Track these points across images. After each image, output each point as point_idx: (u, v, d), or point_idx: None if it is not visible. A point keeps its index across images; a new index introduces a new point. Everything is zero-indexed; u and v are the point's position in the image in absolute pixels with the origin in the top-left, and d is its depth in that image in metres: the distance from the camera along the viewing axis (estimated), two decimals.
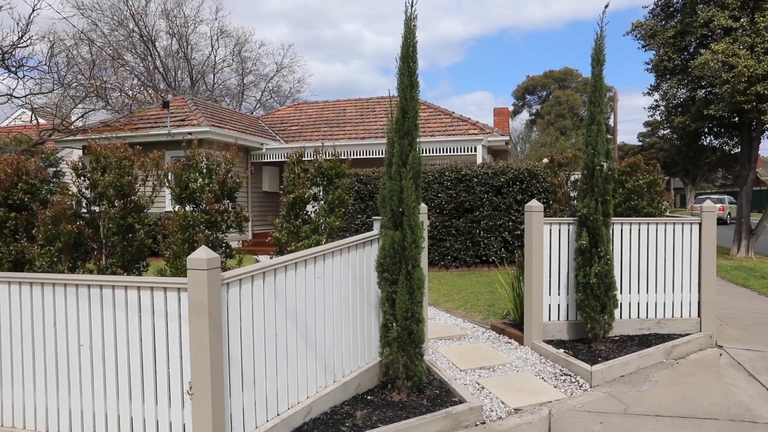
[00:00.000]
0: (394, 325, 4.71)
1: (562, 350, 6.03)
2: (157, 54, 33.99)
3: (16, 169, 5.25)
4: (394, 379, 4.80)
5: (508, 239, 12.04)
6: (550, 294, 6.50)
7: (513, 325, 7.13)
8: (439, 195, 12.25)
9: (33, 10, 14.10)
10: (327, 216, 5.19)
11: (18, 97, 14.66)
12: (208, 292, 3.37)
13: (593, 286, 5.90)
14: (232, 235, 5.33)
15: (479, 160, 15.27)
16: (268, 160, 17.82)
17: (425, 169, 12.00)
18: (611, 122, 21.74)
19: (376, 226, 5.14)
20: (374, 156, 16.66)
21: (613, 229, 6.40)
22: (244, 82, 37.77)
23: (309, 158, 5.48)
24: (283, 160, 17.64)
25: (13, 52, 13.76)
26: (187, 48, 34.87)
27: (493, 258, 12.07)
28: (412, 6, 4.70)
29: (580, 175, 6.24)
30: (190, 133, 14.85)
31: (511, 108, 52.14)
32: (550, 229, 6.47)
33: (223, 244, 5.02)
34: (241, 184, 5.20)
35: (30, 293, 4.08)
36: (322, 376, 4.55)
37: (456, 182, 12.18)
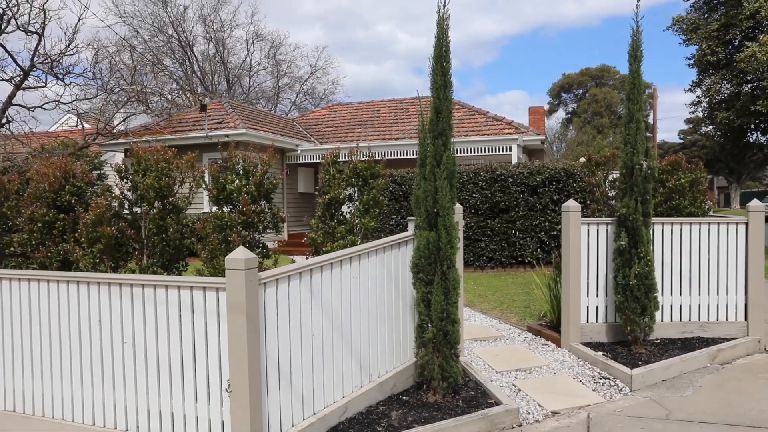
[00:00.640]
0: (430, 325, 4.70)
1: (600, 353, 5.92)
2: (194, 58, 34.75)
3: (64, 172, 5.44)
4: (429, 380, 4.79)
5: (544, 240, 11.87)
6: (588, 295, 6.38)
7: (550, 327, 7.03)
8: (474, 195, 12.16)
9: (79, 20, 14.58)
10: (362, 217, 5.21)
11: (65, 103, 15.18)
12: (245, 292, 3.43)
13: (633, 288, 5.76)
14: (268, 236, 5.40)
15: (514, 160, 15.10)
16: (303, 161, 18.00)
17: (460, 169, 11.94)
18: (650, 120, 21.23)
19: (411, 226, 5.14)
20: (408, 156, 16.65)
21: (653, 230, 6.24)
22: (279, 84, 38.27)
23: (344, 159, 5.52)
24: (317, 161, 17.79)
25: (61, 60, 14.27)
26: (223, 52, 35.54)
27: (528, 258, 11.92)
28: (444, 6, 4.69)
29: (618, 175, 6.11)
30: (227, 136, 15.12)
31: (546, 107, 51.39)
32: (588, 230, 6.35)
33: (260, 245, 5.10)
34: (277, 185, 5.27)
35: (77, 292, 4.22)
36: (358, 375, 4.57)
37: (491, 182, 12.07)
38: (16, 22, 13.36)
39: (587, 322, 6.39)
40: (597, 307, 6.40)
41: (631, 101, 5.88)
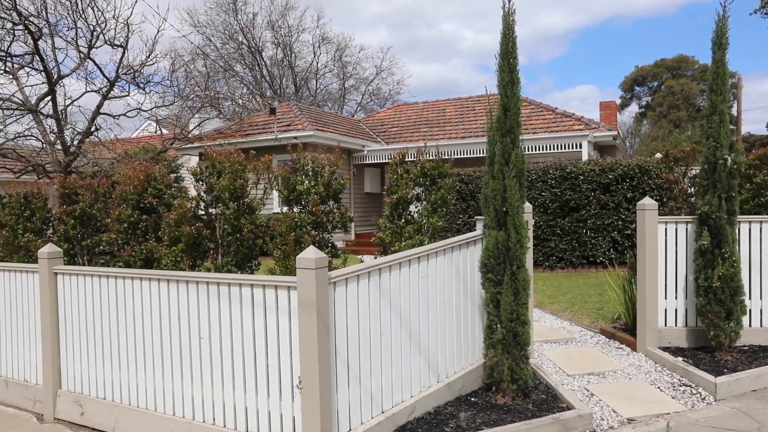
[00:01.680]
0: (499, 326, 4.62)
1: (680, 358, 5.62)
2: (263, 63, 35.84)
3: (146, 176, 5.75)
4: (498, 382, 4.71)
5: (617, 239, 11.42)
6: (666, 298, 6.08)
7: (624, 330, 6.75)
8: (543, 194, 11.87)
9: (158, 32, 15.39)
10: (430, 216, 5.20)
11: (145, 111, 16.05)
12: (316, 291, 3.50)
13: (716, 290, 5.44)
14: (337, 236, 5.49)
15: (585, 157, 14.61)
16: (370, 161, 18.17)
17: (528, 167, 11.67)
18: (734, 111, 19.96)
19: (479, 225, 5.08)
20: (475, 155, 16.46)
21: (739, 228, 5.87)
22: (345, 86, 38.81)
23: (411, 159, 5.52)
24: (384, 161, 17.91)
25: (142, 70, 15.09)
26: (291, 56, 36.44)
27: (601, 259, 11.49)
28: (510, 1, 4.60)
29: (699, 170, 5.79)
30: (295, 138, 15.49)
31: (618, 101, 49.36)
32: (666, 229, 6.05)
33: (329, 244, 5.19)
34: (345, 185, 5.35)
35: (158, 288, 4.45)
36: (426, 375, 4.56)
37: (561, 180, 11.74)
38: (104, 37, 14.25)
39: (665, 325, 6.09)
40: (676, 310, 6.08)
41: (713, 92, 5.55)
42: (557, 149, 15.36)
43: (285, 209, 5.34)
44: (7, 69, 14.08)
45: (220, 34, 34.61)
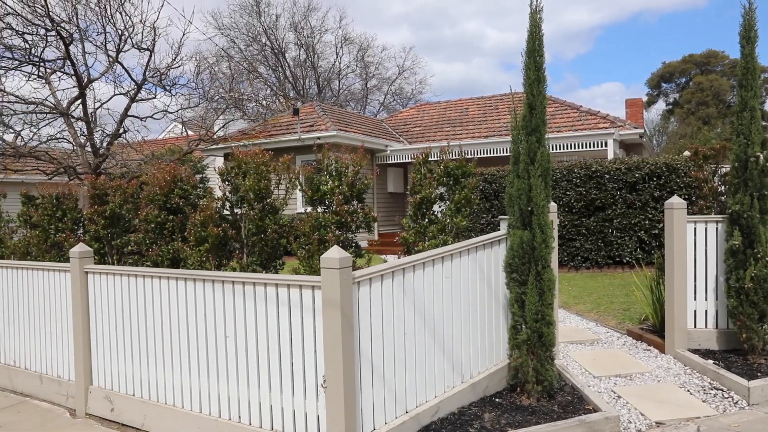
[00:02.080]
0: (524, 327, 4.59)
1: (711, 361, 5.51)
2: (286, 64, 36.12)
3: (173, 177, 5.84)
4: (523, 383, 4.68)
5: (644, 239, 11.23)
6: (695, 299, 5.96)
7: (652, 332, 6.63)
8: (568, 193, 11.73)
9: (183, 35, 15.65)
10: (454, 216, 5.19)
11: (171, 112, 16.32)
12: (340, 290, 3.51)
13: (749, 292, 5.31)
14: (360, 235, 5.51)
15: (610, 155, 14.39)
16: (393, 161, 18.17)
17: (552, 166, 11.56)
18: (767, 107, 19.45)
19: (503, 225, 5.05)
20: (498, 154, 16.35)
21: None
22: (368, 86, 38.88)
23: (434, 158, 5.51)
24: (407, 161, 17.90)
25: (168, 73, 15.35)
26: (313, 57, 36.65)
27: (627, 259, 11.32)
28: None
29: (729, 168, 5.66)
30: (318, 138, 15.58)
31: (644, 98, 48.44)
32: (695, 228, 5.94)
33: (353, 244, 5.21)
34: (369, 185, 5.36)
35: (185, 288, 4.52)
36: (450, 375, 4.55)
37: (586, 179, 11.59)
38: (132, 41, 14.53)
39: (695, 327, 5.97)
40: (706, 311, 5.96)
41: (743, 87, 5.43)
42: (582, 148, 15.16)
43: (309, 209, 5.37)
44: (41, 74, 14.44)
45: (244, 36, 35.01)
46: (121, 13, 14.13)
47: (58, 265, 5.57)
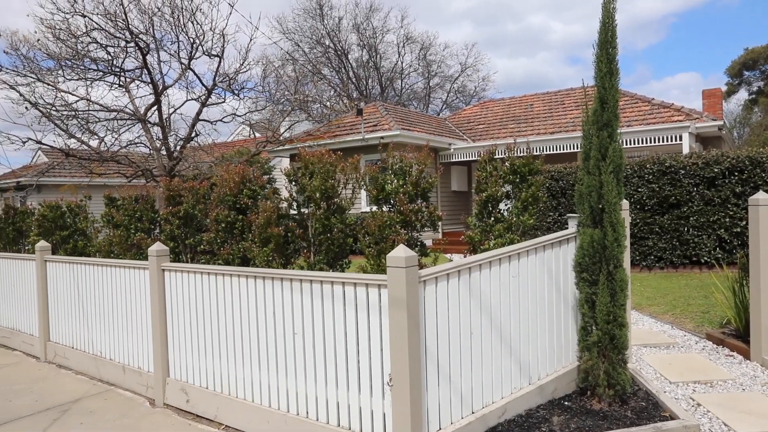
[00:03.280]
0: (594, 328, 4.44)
1: None
2: (349, 66, 36.58)
3: (242, 178, 6.04)
4: (593, 386, 4.53)
5: (724, 237, 10.59)
6: None
7: (735, 336, 6.25)
8: (639, 189, 11.25)
9: (250, 40, 16.26)
10: (520, 214, 5.09)
11: (239, 116, 16.93)
12: (406, 289, 3.52)
13: None
14: (425, 234, 5.50)
15: (686, 150, 13.68)
16: (456, 159, 18.03)
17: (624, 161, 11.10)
18: None
19: (572, 223, 4.90)
20: (565, 151, 15.89)
21: None
22: (430, 84, 38.79)
23: (500, 156, 5.43)
24: (470, 159, 17.72)
25: (237, 78, 15.92)
26: (376, 57, 36.93)
27: (705, 258, 10.72)
28: None
29: None
30: (382, 138, 15.68)
31: (724, 88, 45.71)
32: None
33: (418, 243, 5.21)
34: (433, 184, 5.35)
35: (254, 285, 4.66)
36: (517, 376, 4.47)
37: (659, 175, 11.07)
38: (202, 49, 15.17)
39: None
40: None
41: None
42: (654, 142, 14.49)
43: (374, 208, 5.42)
44: (121, 83, 15.32)
45: (308, 39, 35.75)
46: (192, 22, 14.77)
47: (137, 262, 5.88)
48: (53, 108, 14.54)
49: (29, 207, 10.67)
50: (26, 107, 14.20)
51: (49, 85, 14.48)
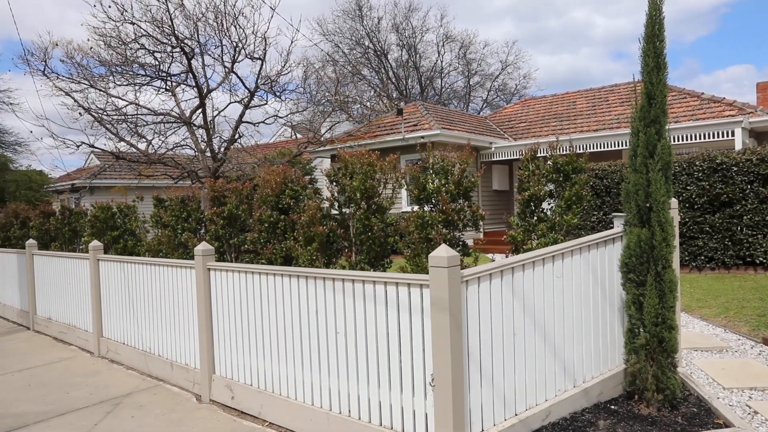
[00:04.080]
0: (642, 330, 4.32)
1: None
2: (389, 66, 36.66)
3: (283, 178, 6.13)
4: (641, 390, 4.41)
5: None
6: None
7: None
8: (688, 187, 10.87)
9: (291, 42, 16.56)
10: (564, 213, 4.99)
11: (281, 117, 17.22)
12: (448, 289, 3.50)
13: None
14: (467, 234, 5.47)
15: (738, 146, 13.13)
16: (497, 158, 17.83)
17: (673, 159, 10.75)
18: None
19: (618, 222, 4.78)
20: (609, 148, 15.51)
21: None
22: (470, 83, 38.49)
23: (542, 154, 5.34)
24: (511, 158, 17.50)
25: (278, 80, 16.19)
26: (415, 57, 36.89)
27: (761, 259, 10.27)
28: None
29: None
30: (422, 137, 15.65)
31: None
32: None
33: (460, 243, 5.17)
34: (475, 183, 5.31)
35: (297, 284, 4.72)
36: (561, 379, 4.39)
37: (710, 172, 10.67)
38: (245, 52, 15.49)
39: None
40: None
41: None
42: (704, 138, 13.97)
43: (415, 208, 5.41)
44: (167, 87, 15.79)
45: (348, 40, 36.02)
46: (235, 26, 15.09)
47: (184, 262, 6.04)
48: (104, 113, 15.11)
49: (83, 208, 11.13)
50: (80, 113, 14.83)
51: (100, 90, 15.07)
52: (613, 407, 4.51)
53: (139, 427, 5.05)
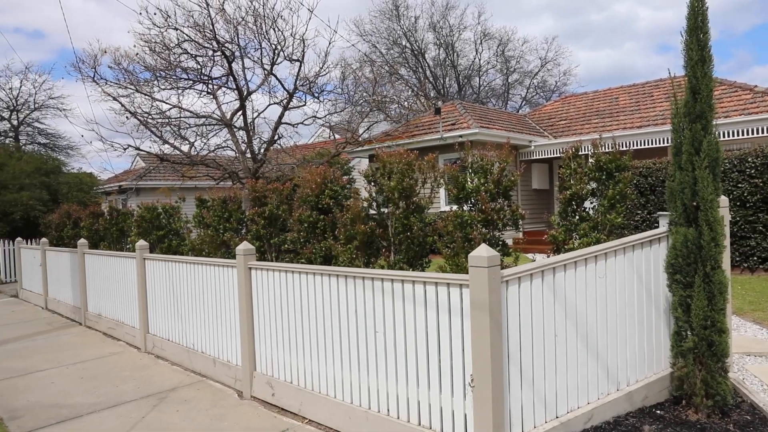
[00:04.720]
0: (689, 333, 4.19)
1: None
2: (426, 65, 36.54)
3: (323, 178, 6.19)
4: (689, 395, 4.27)
5: None
6: None
7: None
8: (740, 185, 10.46)
9: (329, 43, 16.76)
10: (607, 212, 4.88)
11: (320, 118, 17.39)
12: (488, 289, 3.47)
13: None
14: (506, 234, 5.41)
15: None
16: (537, 157, 17.56)
17: (721, 155, 10.36)
18: None
19: (663, 222, 4.65)
20: (653, 145, 15.07)
21: None
22: (509, 81, 38.02)
23: (584, 152, 5.23)
24: (552, 156, 17.20)
25: (317, 81, 16.35)
26: (453, 55, 36.66)
27: None
28: None
29: None
30: (460, 136, 15.53)
31: None
32: None
33: (499, 242, 5.12)
34: (515, 182, 5.24)
35: (337, 284, 4.76)
36: (604, 382, 4.29)
37: (763, 169, 10.24)
38: (284, 54, 15.71)
39: None
40: None
41: None
42: (757, 134, 13.41)
43: (454, 207, 5.38)
44: (209, 90, 16.15)
45: (385, 40, 36.08)
46: (274, 29, 15.32)
47: (226, 261, 6.17)
48: (149, 116, 15.58)
49: (129, 208, 11.51)
50: (126, 117, 15.35)
51: (146, 95, 15.54)
52: (658, 412, 4.38)
53: (184, 421, 5.19)
